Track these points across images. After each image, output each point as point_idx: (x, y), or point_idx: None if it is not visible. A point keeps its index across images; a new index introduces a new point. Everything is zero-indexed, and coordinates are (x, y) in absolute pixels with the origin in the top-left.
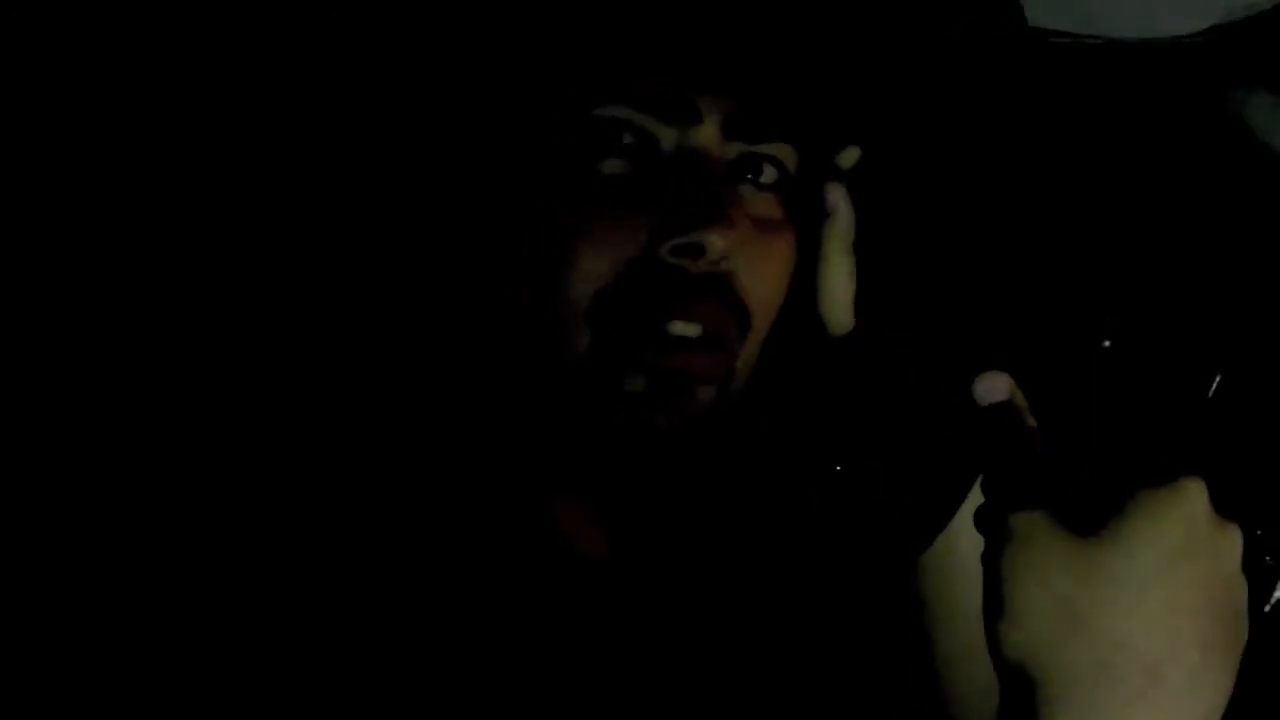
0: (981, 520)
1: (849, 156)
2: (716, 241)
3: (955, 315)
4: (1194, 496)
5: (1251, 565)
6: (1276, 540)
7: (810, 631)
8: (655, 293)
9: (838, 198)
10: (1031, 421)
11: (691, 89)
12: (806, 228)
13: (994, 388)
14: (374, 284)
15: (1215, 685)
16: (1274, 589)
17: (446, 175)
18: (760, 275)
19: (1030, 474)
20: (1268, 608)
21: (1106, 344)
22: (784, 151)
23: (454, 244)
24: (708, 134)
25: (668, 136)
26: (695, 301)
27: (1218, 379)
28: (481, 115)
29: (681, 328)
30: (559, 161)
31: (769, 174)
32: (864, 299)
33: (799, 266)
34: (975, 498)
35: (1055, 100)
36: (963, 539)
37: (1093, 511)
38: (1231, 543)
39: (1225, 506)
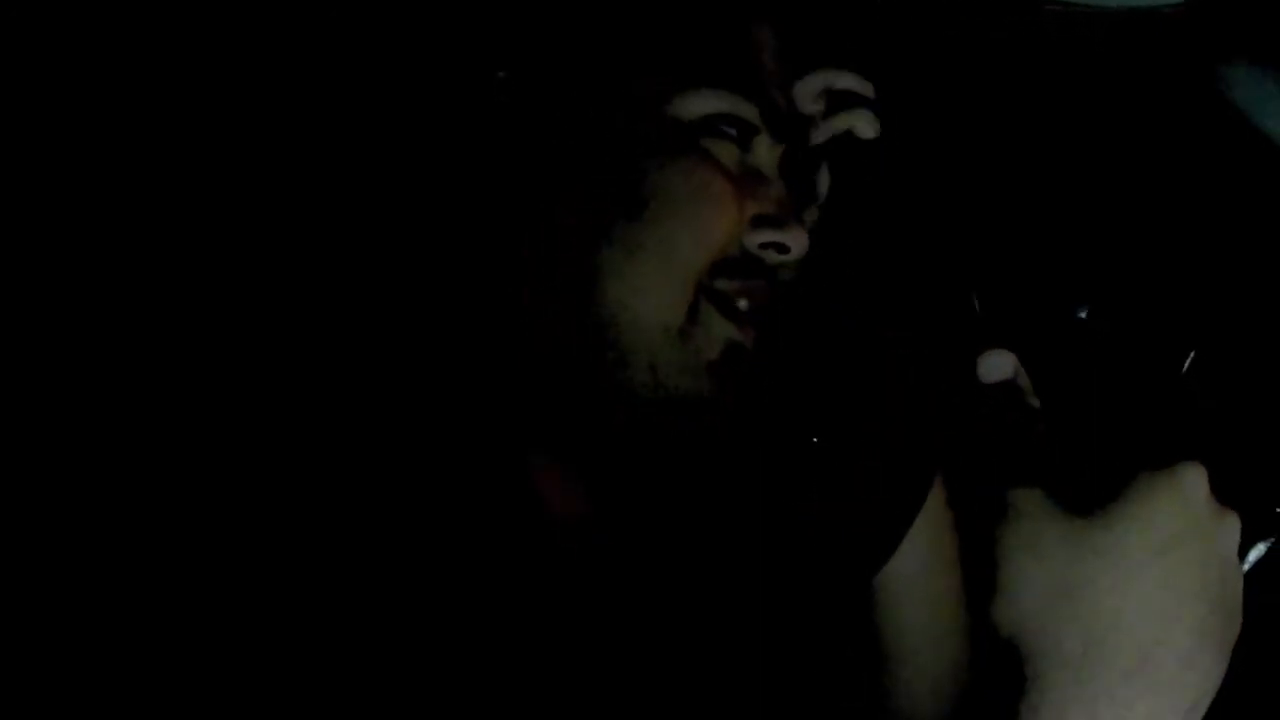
0: (980, 495)
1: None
2: (799, 246)
3: (947, 298)
4: (1192, 482)
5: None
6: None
7: (784, 599)
8: (739, 271)
9: None
10: (1034, 400)
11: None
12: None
13: (998, 364)
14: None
15: (1206, 671)
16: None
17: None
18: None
19: (1030, 451)
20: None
21: (1082, 315)
22: None
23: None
24: (780, 151)
25: (764, 140)
26: (757, 284)
27: (1191, 356)
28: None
29: (743, 304)
30: (669, 140)
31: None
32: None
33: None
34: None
35: (1040, 71)
36: (906, 556)
37: (1091, 492)
38: (1229, 530)
39: (1225, 494)
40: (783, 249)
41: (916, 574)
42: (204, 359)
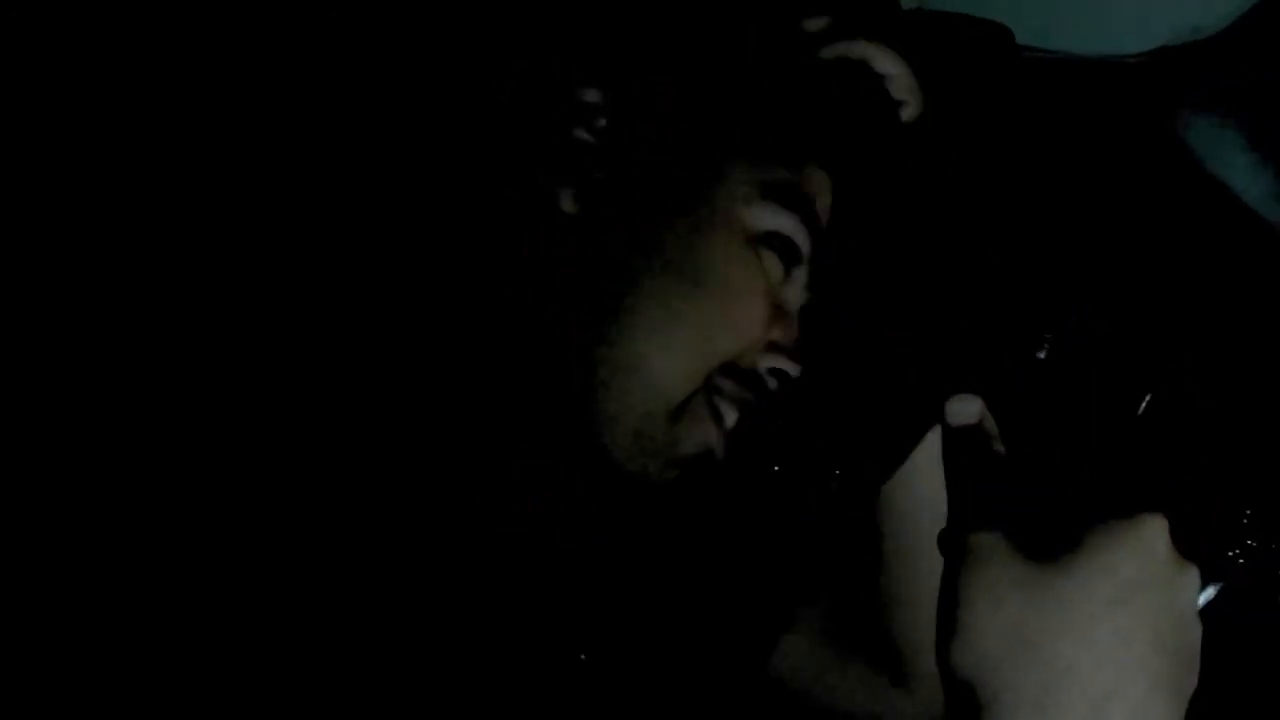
0: (942, 539)
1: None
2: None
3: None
4: (1153, 532)
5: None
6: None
7: (764, 580)
8: (741, 381)
9: None
10: (999, 446)
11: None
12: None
13: (965, 410)
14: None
15: None
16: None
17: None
18: None
19: (992, 496)
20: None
21: (1041, 355)
22: None
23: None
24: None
25: (800, 280)
26: (749, 403)
27: (1148, 398)
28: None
29: (730, 416)
30: (737, 229)
31: None
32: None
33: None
34: (933, 438)
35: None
36: (920, 475)
37: (1051, 538)
38: (1188, 582)
39: (1185, 545)
40: (785, 377)
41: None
42: (198, 352)
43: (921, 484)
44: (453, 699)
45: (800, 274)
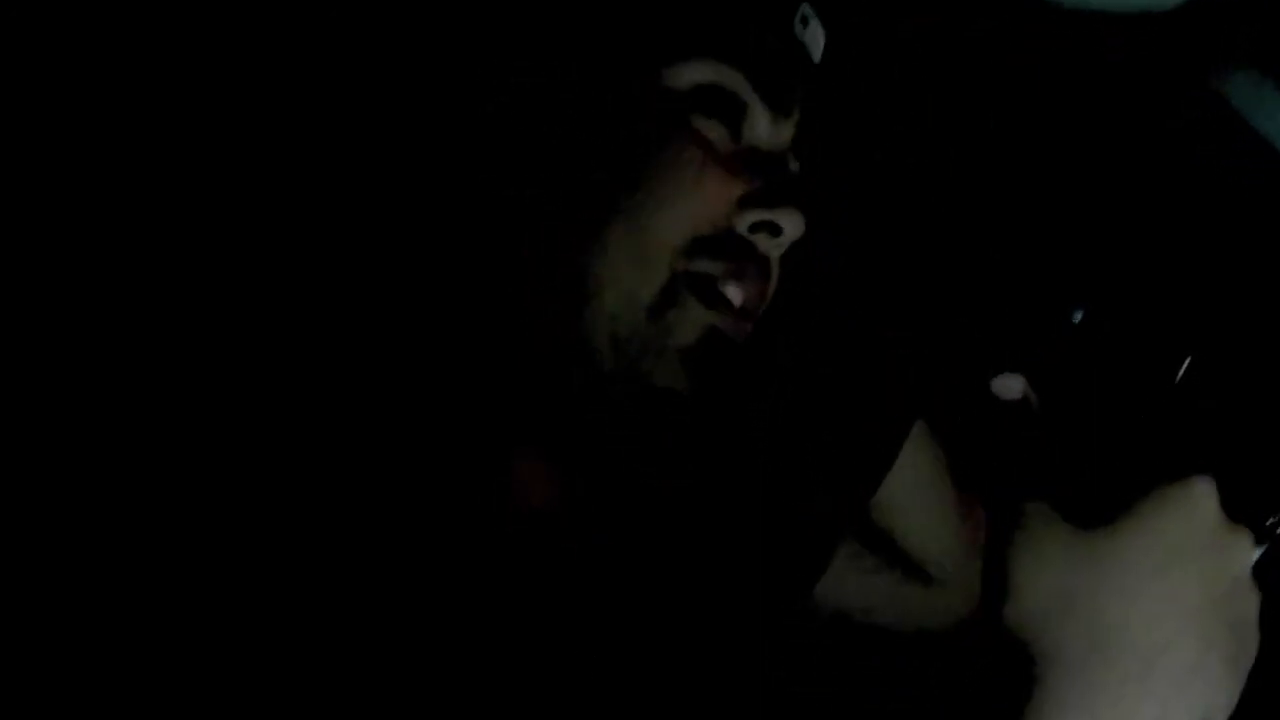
0: (993, 506)
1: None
2: (793, 228)
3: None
4: (1202, 496)
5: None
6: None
7: (754, 581)
8: (723, 253)
9: None
10: (1043, 418)
11: (798, 84)
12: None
13: (1009, 386)
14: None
15: (1215, 683)
16: None
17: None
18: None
19: (1039, 465)
20: None
21: (1076, 320)
22: None
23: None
24: (786, 131)
25: (763, 120)
26: (749, 271)
27: (1186, 363)
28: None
29: (732, 292)
30: (667, 111)
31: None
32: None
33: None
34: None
35: (1040, 71)
36: (899, 471)
37: (1099, 503)
38: (1240, 547)
39: (1236, 511)
40: (775, 230)
41: (915, 487)
42: (188, 350)
43: (901, 475)
44: (451, 698)
45: (759, 113)
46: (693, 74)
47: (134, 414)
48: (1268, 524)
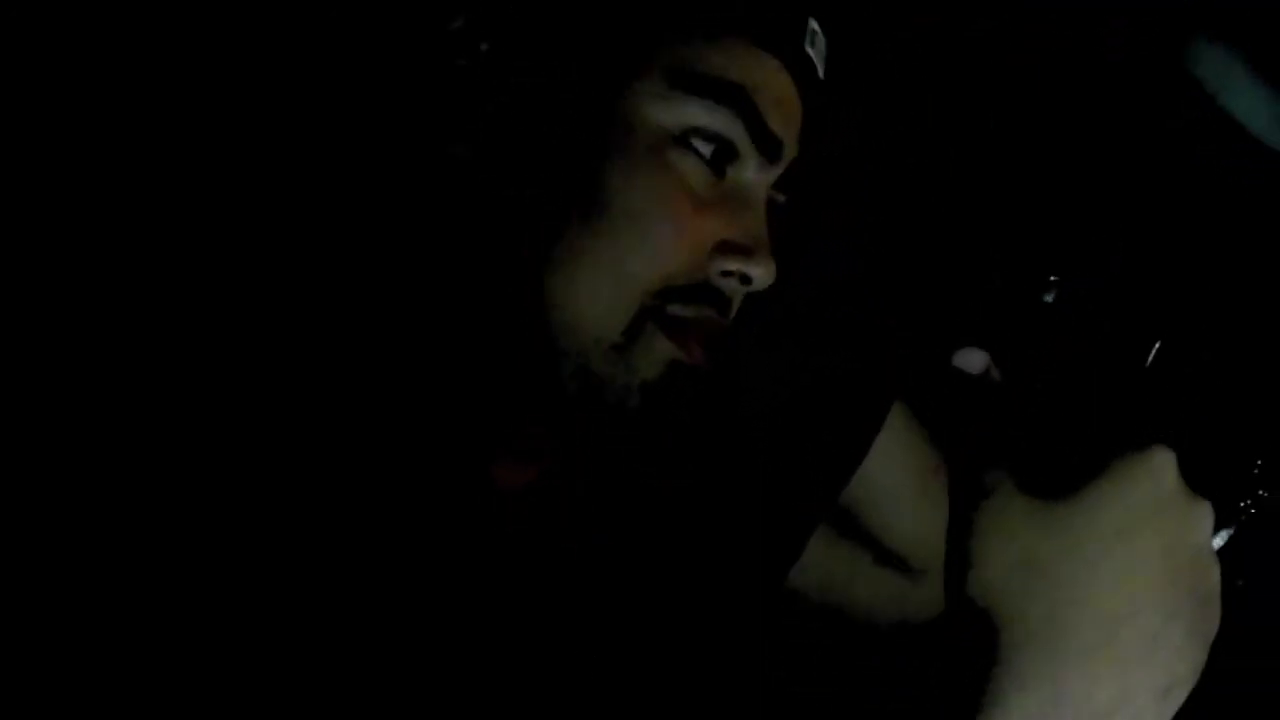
0: (957, 477)
1: None
2: (765, 278)
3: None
4: (1161, 466)
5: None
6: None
7: (723, 571)
8: (694, 300)
9: None
10: (1005, 390)
11: (791, 137)
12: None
13: (971, 360)
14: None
15: (1178, 653)
16: None
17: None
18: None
19: (1002, 436)
20: None
21: (1048, 299)
22: None
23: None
24: (774, 175)
25: (752, 163)
26: (715, 313)
27: (1156, 346)
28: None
29: (695, 329)
30: (652, 148)
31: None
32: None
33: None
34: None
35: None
36: (878, 459)
37: (1060, 474)
38: (1200, 516)
39: (1197, 482)
40: (746, 280)
41: (897, 483)
42: (177, 344)
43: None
44: (448, 697)
45: (749, 160)
46: (686, 115)
47: (121, 407)
48: (1240, 506)
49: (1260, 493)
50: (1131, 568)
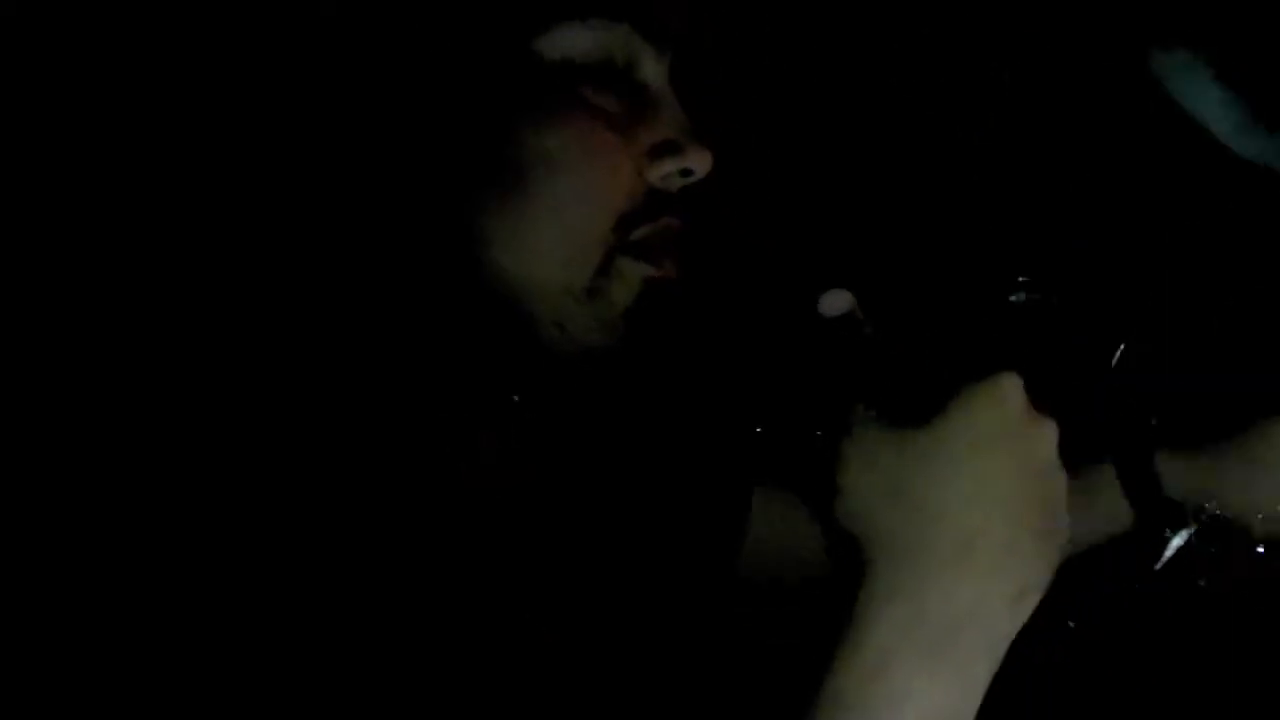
0: (823, 413)
1: None
2: (703, 164)
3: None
4: (1007, 390)
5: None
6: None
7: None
8: (647, 216)
9: None
10: (868, 330)
11: (671, 12)
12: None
13: (836, 302)
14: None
15: (1026, 559)
16: (1164, 550)
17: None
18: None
19: (866, 374)
20: (1158, 566)
21: (1015, 299)
22: None
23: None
24: (667, 60)
25: (650, 62)
26: (670, 218)
27: (1122, 348)
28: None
29: (658, 241)
30: (540, 95)
31: None
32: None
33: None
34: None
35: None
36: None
37: (919, 405)
38: (1045, 435)
39: (1045, 403)
40: (687, 173)
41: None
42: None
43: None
44: (414, 674)
45: (645, 56)
46: (568, 43)
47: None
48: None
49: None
50: (983, 484)
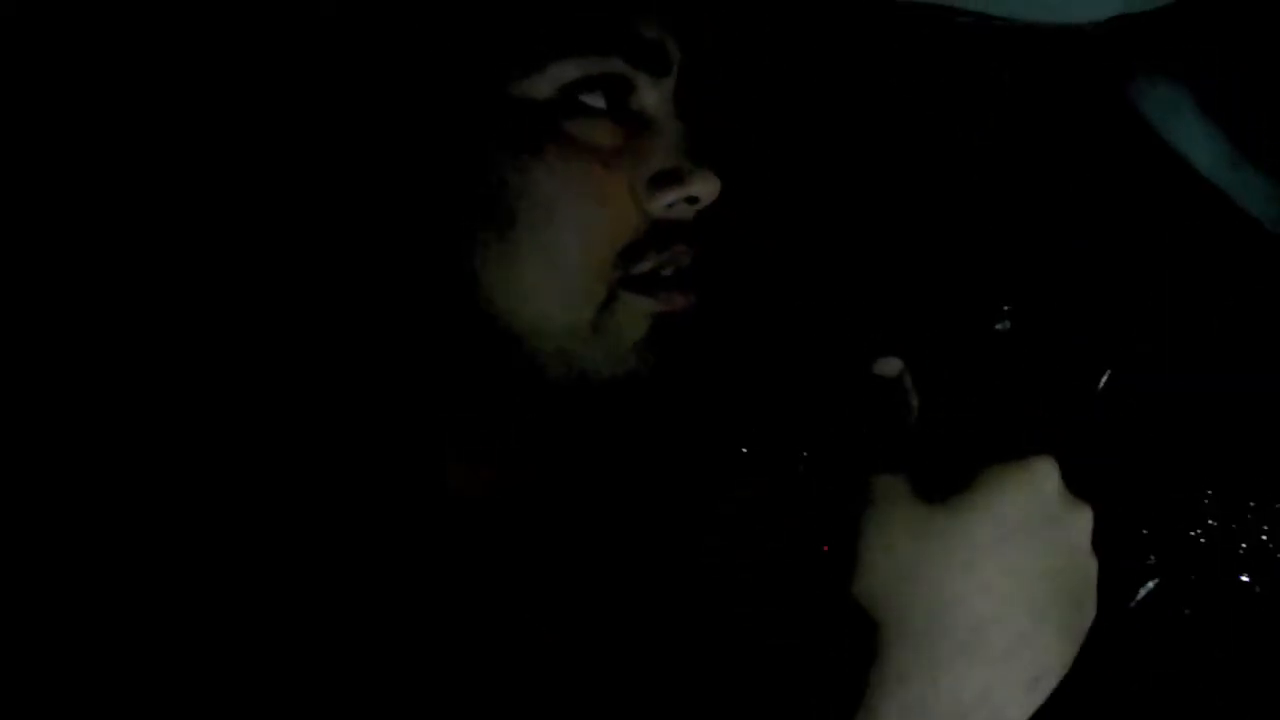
0: (846, 479)
1: None
2: (708, 191)
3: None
4: (1042, 475)
5: (1120, 563)
6: (1155, 542)
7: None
8: (651, 247)
9: None
10: (914, 401)
11: (668, 35)
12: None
13: (888, 366)
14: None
15: (1045, 650)
16: (1140, 588)
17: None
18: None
19: (897, 442)
20: (1132, 604)
21: (1000, 327)
22: None
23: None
24: (669, 85)
25: (647, 88)
26: (679, 247)
27: (1107, 374)
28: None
29: (668, 272)
30: (524, 134)
31: None
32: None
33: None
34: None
35: (957, 82)
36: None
37: (948, 482)
38: (1080, 521)
39: (1083, 487)
40: (692, 201)
41: None
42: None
43: None
44: (391, 683)
45: (639, 82)
46: (554, 77)
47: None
48: (1190, 534)
49: (1210, 523)
50: (1006, 572)
